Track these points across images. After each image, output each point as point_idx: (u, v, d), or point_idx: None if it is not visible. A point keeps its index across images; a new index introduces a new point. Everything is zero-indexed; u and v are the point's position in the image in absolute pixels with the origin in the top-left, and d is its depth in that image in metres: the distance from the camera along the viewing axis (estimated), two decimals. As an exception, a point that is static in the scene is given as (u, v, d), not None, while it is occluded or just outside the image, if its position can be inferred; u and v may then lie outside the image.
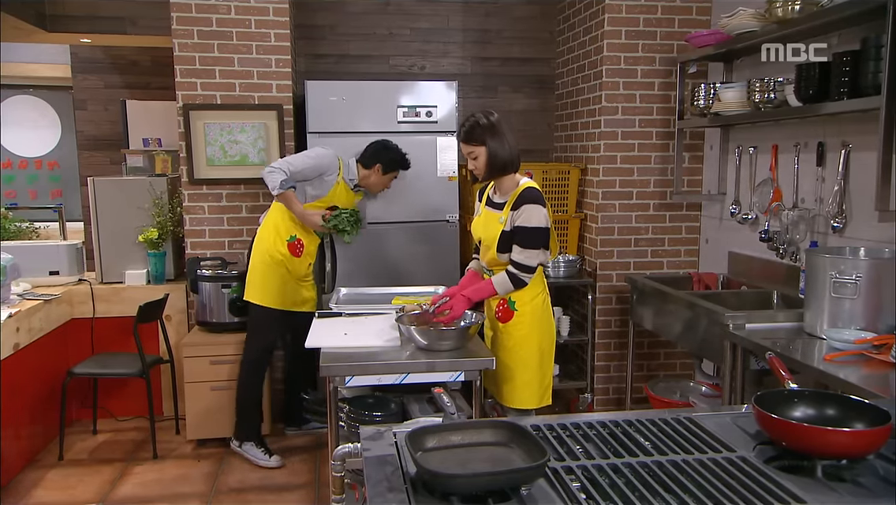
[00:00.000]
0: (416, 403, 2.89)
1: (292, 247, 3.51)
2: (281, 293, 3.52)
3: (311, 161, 3.43)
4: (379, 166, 3.52)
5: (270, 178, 3.34)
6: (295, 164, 3.38)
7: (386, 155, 3.53)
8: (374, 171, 3.53)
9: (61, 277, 4.00)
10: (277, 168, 3.34)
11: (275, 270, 3.49)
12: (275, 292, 3.51)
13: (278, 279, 3.50)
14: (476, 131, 2.60)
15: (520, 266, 2.59)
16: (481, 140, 2.60)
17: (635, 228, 4.06)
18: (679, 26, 3.91)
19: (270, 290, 3.50)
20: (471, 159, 2.65)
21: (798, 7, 2.74)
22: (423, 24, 4.65)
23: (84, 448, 3.77)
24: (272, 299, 3.51)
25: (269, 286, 3.49)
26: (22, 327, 3.41)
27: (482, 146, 2.60)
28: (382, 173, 3.54)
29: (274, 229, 3.50)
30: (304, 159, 3.44)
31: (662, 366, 4.24)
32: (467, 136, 2.62)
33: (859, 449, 1.32)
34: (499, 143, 2.60)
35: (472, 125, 2.62)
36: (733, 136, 3.68)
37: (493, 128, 2.61)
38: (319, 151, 3.50)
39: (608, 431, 1.49)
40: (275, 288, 3.50)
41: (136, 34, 4.74)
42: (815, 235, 3.02)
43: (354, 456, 1.55)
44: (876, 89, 2.38)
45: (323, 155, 3.47)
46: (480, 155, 2.61)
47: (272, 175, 3.33)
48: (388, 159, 3.53)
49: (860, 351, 2.27)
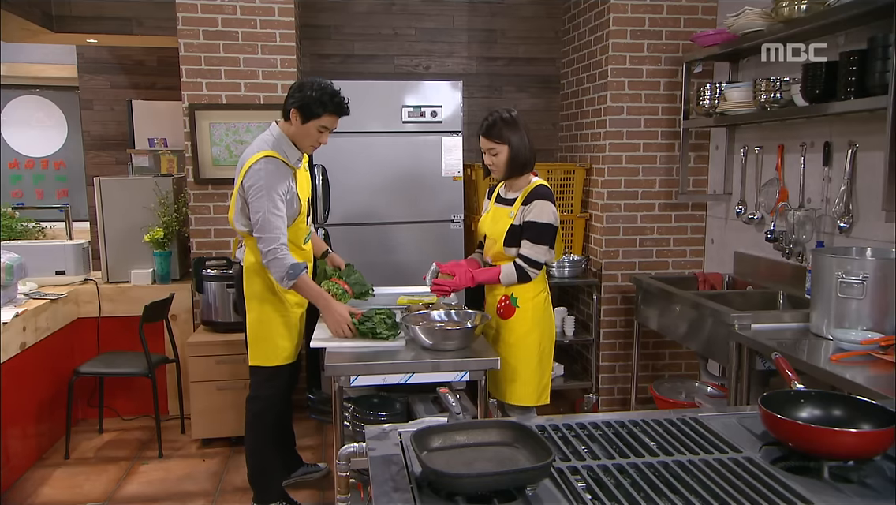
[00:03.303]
0: (421, 402, 2.89)
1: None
2: (290, 340, 2.86)
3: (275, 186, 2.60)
4: (295, 112, 2.62)
5: (277, 265, 2.58)
6: (268, 218, 2.57)
7: (303, 94, 2.61)
8: (292, 122, 2.65)
9: (67, 276, 4.02)
10: (266, 241, 2.56)
11: (279, 318, 2.82)
12: (285, 343, 2.84)
13: (285, 327, 2.83)
14: (500, 128, 2.61)
15: (528, 260, 2.61)
16: (505, 138, 2.61)
17: (640, 228, 4.05)
18: (685, 26, 3.90)
19: (281, 342, 2.83)
20: (490, 155, 2.65)
21: (804, 6, 2.72)
22: (429, 23, 4.65)
23: (90, 447, 3.78)
24: (284, 354, 2.85)
25: (279, 339, 2.82)
26: (28, 327, 3.43)
27: (505, 144, 2.61)
28: (302, 121, 2.64)
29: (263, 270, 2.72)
30: (266, 201, 2.57)
31: (667, 366, 4.23)
32: (491, 131, 2.61)
33: (866, 450, 1.31)
34: (520, 142, 2.62)
35: (495, 121, 2.61)
36: (739, 135, 3.67)
37: (516, 125, 2.62)
38: (266, 176, 2.59)
39: (613, 432, 1.49)
40: (284, 337, 2.84)
41: (142, 34, 4.77)
42: (822, 235, 3.01)
43: (359, 456, 1.55)
44: (883, 89, 2.37)
45: (272, 178, 2.59)
46: (502, 152, 2.62)
47: (276, 257, 2.57)
48: (307, 99, 2.60)
49: (867, 352, 2.26)
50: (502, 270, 2.64)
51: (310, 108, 2.61)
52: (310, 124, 2.64)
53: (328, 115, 2.64)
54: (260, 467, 2.96)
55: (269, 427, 2.94)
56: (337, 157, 3.83)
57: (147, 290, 3.97)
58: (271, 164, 2.62)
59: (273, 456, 2.99)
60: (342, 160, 3.87)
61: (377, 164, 3.94)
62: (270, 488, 2.98)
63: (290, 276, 2.59)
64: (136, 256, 4.04)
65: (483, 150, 2.68)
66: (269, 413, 2.92)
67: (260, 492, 2.98)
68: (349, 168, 3.90)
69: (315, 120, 2.63)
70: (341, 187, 3.87)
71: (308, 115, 2.62)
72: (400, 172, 3.97)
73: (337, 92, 2.65)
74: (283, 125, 2.71)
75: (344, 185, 3.88)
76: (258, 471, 2.97)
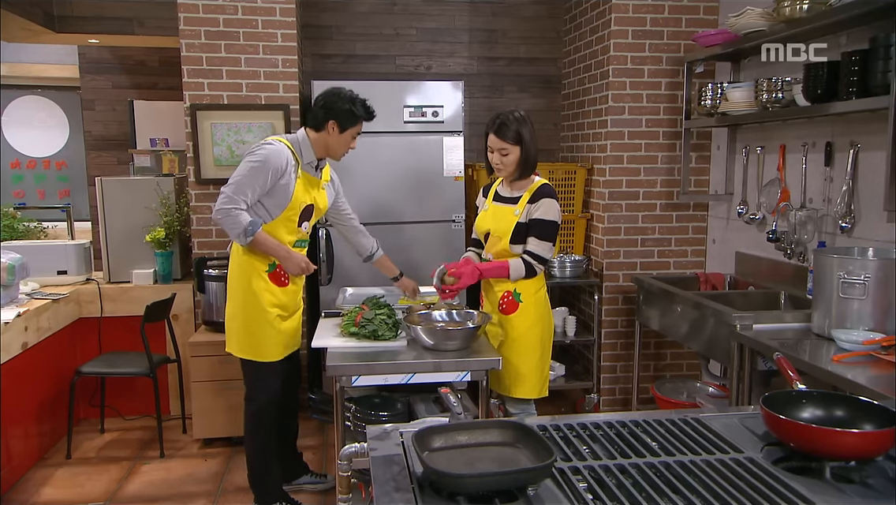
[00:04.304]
0: (422, 402, 2.89)
1: (275, 277, 2.80)
2: (275, 341, 2.83)
3: (258, 166, 2.63)
4: (333, 124, 2.73)
5: (230, 221, 2.61)
6: (243, 182, 2.62)
7: (338, 105, 2.72)
8: (330, 132, 2.74)
9: (69, 276, 4.02)
10: (228, 199, 2.61)
11: (261, 315, 2.78)
12: (269, 342, 2.80)
13: (268, 326, 2.79)
14: (515, 128, 2.61)
15: (535, 256, 2.64)
16: (517, 139, 2.62)
17: (642, 228, 4.05)
18: (686, 26, 3.90)
19: (263, 340, 2.80)
20: (500, 155, 2.65)
21: (806, 6, 2.72)
22: (430, 23, 4.65)
23: (92, 447, 3.79)
24: (267, 352, 2.81)
25: (260, 336, 2.79)
26: (30, 327, 3.43)
27: (517, 145, 2.62)
28: (340, 131, 2.75)
29: (246, 260, 2.75)
30: (249, 170, 2.64)
31: (669, 366, 4.23)
32: (504, 131, 2.61)
33: (868, 450, 1.31)
34: (531, 143, 2.64)
35: (509, 121, 2.62)
36: (741, 135, 3.67)
37: (528, 126, 2.65)
38: (266, 150, 2.67)
39: (615, 432, 1.49)
40: (268, 337, 2.79)
41: (144, 35, 4.77)
42: (823, 236, 3.01)
43: (361, 456, 1.55)
44: (885, 89, 2.37)
45: (271, 153, 2.65)
46: (513, 153, 2.63)
47: (230, 215, 2.60)
48: (343, 111, 2.72)
49: (868, 352, 2.26)
50: (511, 264, 2.65)
51: (347, 119, 2.74)
52: (346, 133, 2.78)
53: (361, 121, 2.81)
54: (259, 469, 2.96)
55: (267, 428, 2.92)
56: (338, 157, 3.82)
57: (148, 290, 3.97)
58: (280, 145, 2.71)
59: (271, 457, 2.97)
60: (343, 160, 3.81)
61: (378, 164, 3.94)
62: (270, 490, 2.97)
63: (249, 232, 2.64)
64: (137, 256, 4.04)
65: (491, 149, 2.67)
66: (265, 414, 2.90)
67: (260, 494, 2.98)
68: (350, 168, 3.89)
69: (352, 128, 2.78)
70: (343, 188, 3.86)
71: (345, 125, 2.75)
72: (401, 172, 3.97)
73: (364, 100, 2.81)
74: (312, 133, 2.80)
75: (345, 185, 3.84)
76: (257, 472, 2.97)
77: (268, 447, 2.95)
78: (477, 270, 2.66)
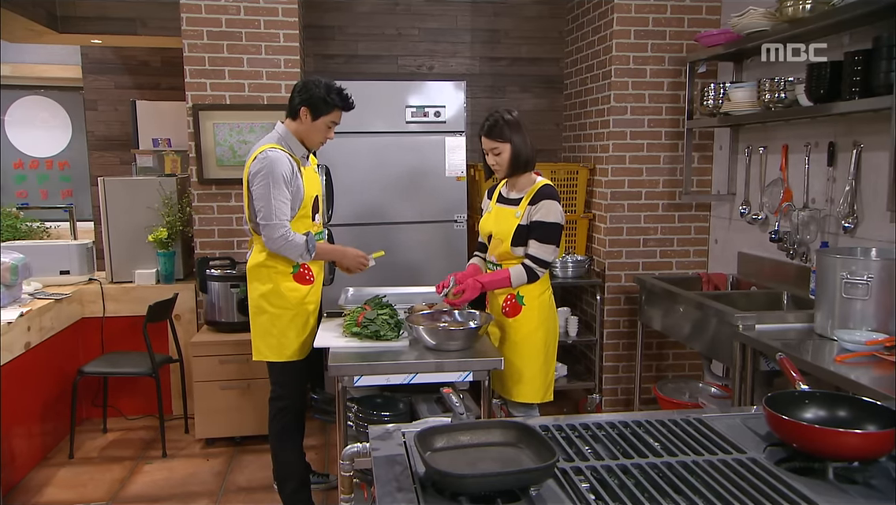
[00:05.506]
0: (424, 403, 2.89)
1: (300, 277, 2.81)
2: (300, 339, 2.84)
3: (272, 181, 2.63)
4: (305, 111, 2.70)
5: (291, 246, 2.65)
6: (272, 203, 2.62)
7: (312, 92, 2.69)
8: (303, 119, 2.72)
9: (72, 276, 4.03)
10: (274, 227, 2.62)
11: (289, 315, 2.80)
12: (294, 341, 2.82)
13: (294, 325, 2.81)
14: (501, 128, 2.64)
15: (536, 260, 2.63)
16: (506, 137, 2.63)
17: (644, 229, 4.04)
18: (688, 26, 3.89)
19: (289, 340, 2.81)
20: (493, 155, 2.68)
21: (809, 6, 2.72)
22: (432, 24, 4.65)
23: (94, 446, 3.79)
24: (294, 351, 2.83)
25: (286, 336, 2.80)
26: (33, 326, 3.44)
27: (507, 143, 2.64)
28: (312, 119, 2.71)
29: (272, 265, 2.77)
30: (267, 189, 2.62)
31: (671, 367, 4.22)
32: (492, 131, 2.64)
33: (871, 451, 1.31)
34: (522, 141, 2.65)
35: (496, 121, 2.65)
36: (743, 135, 3.66)
37: (517, 125, 2.65)
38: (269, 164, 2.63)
39: (617, 432, 1.48)
40: (293, 335, 2.81)
41: (146, 35, 4.78)
42: (826, 236, 3.00)
43: (363, 456, 1.55)
44: (888, 89, 2.37)
45: (275, 164, 2.63)
46: (504, 151, 2.65)
47: (287, 239, 2.64)
48: (316, 97, 2.68)
49: (871, 352, 2.26)
50: (512, 273, 2.63)
51: (319, 106, 2.70)
52: (319, 121, 2.73)
53: (336, 110, 2.75)
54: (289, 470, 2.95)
55: (295, 427, 2.94)
56: (340, 157, 3.83)
57: (151, 290, 3.98)
58: (275, 152, 2.68)
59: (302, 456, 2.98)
60: (345, 160, 3.87)
61: (381, 164, 3.94)
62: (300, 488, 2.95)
63: (311, 248, 2.70)
64: (140, 256, 4.05)
65: (485, 151, 2.70)
66: (288, 412, 2.90)
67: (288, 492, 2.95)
68: (352, 168, 3.90)
69: (325, 116, 2.73)
70: (344, 187, 3.87)
71: (318, 112, 2.71)
72: (403, 172, 3.97)
73: (342, 88, 2.75)
74: (290, 124, 2.78)
75: (347, 185, 3.88)
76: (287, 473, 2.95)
77: (298, 446, 2.96)
78: (479, 284, 2.64)
